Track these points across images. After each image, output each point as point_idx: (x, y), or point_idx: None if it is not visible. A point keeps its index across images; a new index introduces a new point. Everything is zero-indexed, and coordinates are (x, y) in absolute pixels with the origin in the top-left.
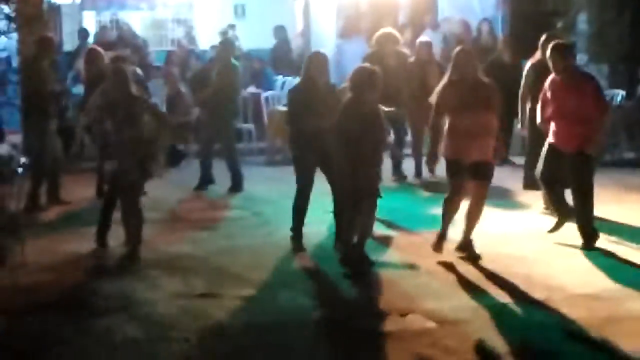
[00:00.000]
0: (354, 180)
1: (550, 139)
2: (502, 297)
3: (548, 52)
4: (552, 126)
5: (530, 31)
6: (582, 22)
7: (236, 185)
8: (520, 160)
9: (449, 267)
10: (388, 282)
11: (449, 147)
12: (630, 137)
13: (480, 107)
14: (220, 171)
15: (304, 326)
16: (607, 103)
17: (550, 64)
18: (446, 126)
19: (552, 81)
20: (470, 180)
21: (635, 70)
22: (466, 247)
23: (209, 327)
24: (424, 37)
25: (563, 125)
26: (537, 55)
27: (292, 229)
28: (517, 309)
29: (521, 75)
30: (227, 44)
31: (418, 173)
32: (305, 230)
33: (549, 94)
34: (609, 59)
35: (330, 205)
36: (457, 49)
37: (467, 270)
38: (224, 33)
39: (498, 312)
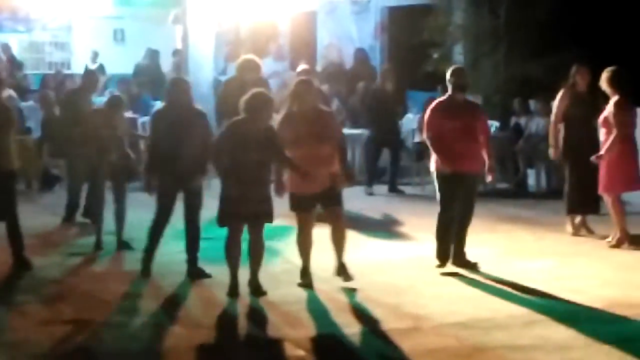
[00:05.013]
0: (240, 203)
1: (445, 162)
2: (372, 325)
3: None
4: (447, 148)
5: (407, 60)
6: (458, 53)
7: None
8: (408, 189)
9: (319, 295)
10: (258, 310)
11: (292, 181)
12: (503, 168)
13: (320, 138)
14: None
15: (174, 354)
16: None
17: (453, 84)
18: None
19: (447, 102)
20: (322, 209)
21: (509, 101)
22: (342, 271)
23: (77, 354)
24: (301, 67)
25: (466, 147)
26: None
27: (144, 251)
28: (384, 338)
29: (402, 103)
30: (90, 74)
31: None
32: (178, 257)
33: (438, 115)
34: (484, 90)
35: (207, 232)
36: (297, 80)
37: (338, 299)
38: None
39: (365, 340)
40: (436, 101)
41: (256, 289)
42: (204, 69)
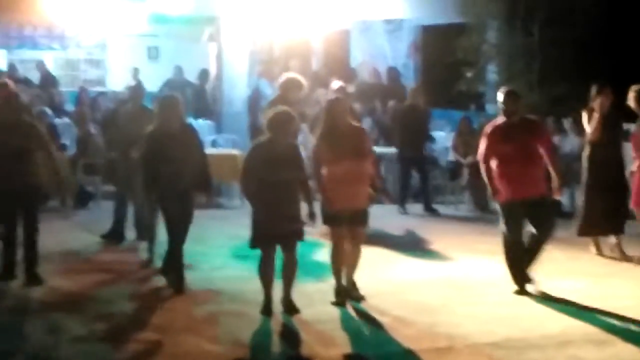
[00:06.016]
0: (271, 223)
1: (505, 192)
2: (406, 344)
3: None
4: (505, 175)
5: (440, 79)
6: (491, 72)
7: (139, 232)
8: (442, 208)
9: (353, 314)
10: (292, 329)
11: (331, 197)
12: None
13: (358, 154)
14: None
15: None
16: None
17: (502, 110)
18: (323, 175)
19: (502, 126)
20: (348, 227)
21: (542, 121)
22: (351, 290)
23: None
24: (336, 83)
25: (522, 172)
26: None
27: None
28: (418, 357)
29: (430, 119)
30: (137, 87)
31: None
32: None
33: (493, 139)
34: None
35: (241, 250)
36: (331, 98)
37: (372, 318)
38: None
39: None
40: (492, 125)
41: (289, 308)
42: (238, 87)
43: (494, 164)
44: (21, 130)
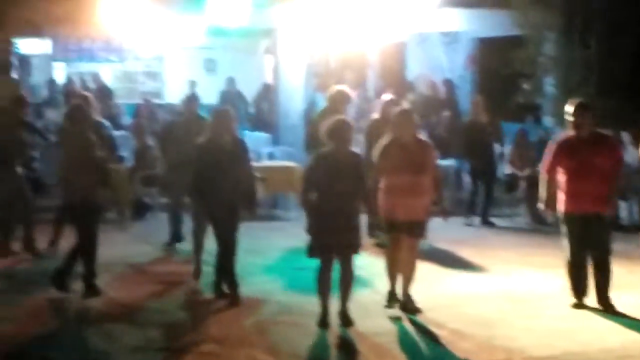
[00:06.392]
0: (331, 234)
1: (567, 205)
2: (463, 357)
3: (571, 109)
4: (568, 188)
5: (497, 91)
6: (549, 84)
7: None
8: (499, 221)
9: (409, 327)
10: (348, 341)
11: (384, 206)
12: None
13: (420, 168)
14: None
15: None
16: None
17: (571, 122)
18: (382, 185)
19: (570, 139)
20: (403, 237)
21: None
22: (407, 303)
23: None
24: (388, 96)
25: (585, 186)
26: None
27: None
28: None
29: (499, 132)
30: (191, 98)
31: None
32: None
33: (557, 152)
34: None
35: (297, 262)
36: (397, 109)
37: (428, 331)
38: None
39: None
40: (561, 137)
41: (345, 320)
42: (294, 99)
43: (558, 176)
44: (89, 145)
